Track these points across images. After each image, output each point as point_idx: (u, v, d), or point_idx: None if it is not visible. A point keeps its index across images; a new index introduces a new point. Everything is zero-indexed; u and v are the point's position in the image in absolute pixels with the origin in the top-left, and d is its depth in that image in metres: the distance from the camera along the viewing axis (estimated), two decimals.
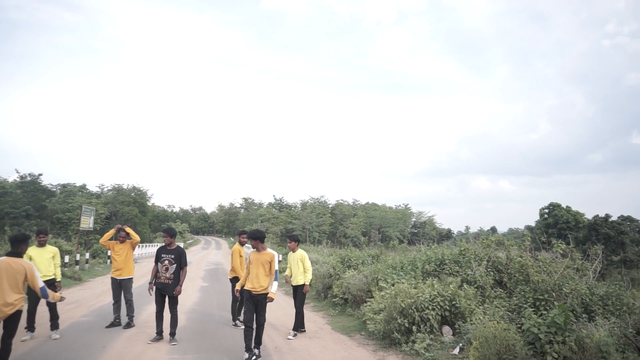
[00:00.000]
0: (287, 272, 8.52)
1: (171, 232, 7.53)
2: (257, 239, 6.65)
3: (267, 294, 6.57)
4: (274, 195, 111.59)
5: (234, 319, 8.72)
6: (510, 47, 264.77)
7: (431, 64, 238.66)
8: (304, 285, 8.13)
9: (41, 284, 5.46)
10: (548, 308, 7.16)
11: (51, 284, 7.30)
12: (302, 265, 8.16)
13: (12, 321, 5.26)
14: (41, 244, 7.65)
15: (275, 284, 6.69)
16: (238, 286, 6.97)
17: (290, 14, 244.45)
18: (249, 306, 6.50)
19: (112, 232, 8.59)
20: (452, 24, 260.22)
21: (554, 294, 7.68)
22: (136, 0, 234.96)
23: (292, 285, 8.36)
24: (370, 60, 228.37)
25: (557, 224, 64.27)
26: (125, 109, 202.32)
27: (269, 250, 6.73)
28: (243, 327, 6.65)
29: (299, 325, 8.18)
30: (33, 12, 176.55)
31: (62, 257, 18.26)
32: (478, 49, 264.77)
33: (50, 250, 7.76)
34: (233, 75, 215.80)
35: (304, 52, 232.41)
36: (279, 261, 14.47)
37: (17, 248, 5.53)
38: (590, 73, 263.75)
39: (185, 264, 7.45)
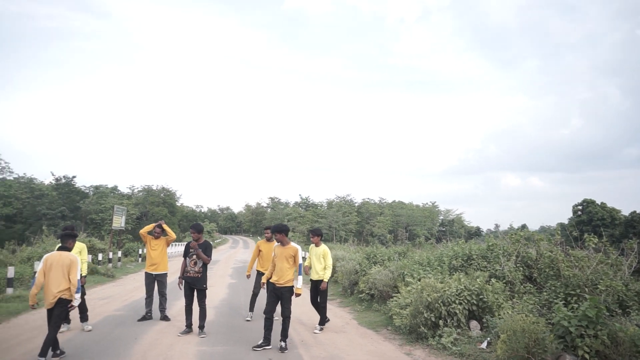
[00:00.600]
0: (306, 263, 8.52)
1: (198, 227, 7.71)
2: (282, 232, 6.74)
3: (291, 287, 6.67)
4: (300, 195, 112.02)
5: (251, 309, 8.97)
6: (538, 40, 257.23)
7: (456, 60, 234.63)
8: (322, 281, 8.06)
9: (79, 277, 5.90)
10: (580, 303, 6.96)
11: None
12: (323, 261, 8.13)
13: (57, 309, 5.76)
14: None
15: (300, 278, 6.76)
16: (264, 279, 7.07)
17: (313, 14, 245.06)
18: (272, 298, 6.68)
19: (152, 225, 8.72)
20: (477, 19, 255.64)
21: (586, 289, 7.47)
22: (162, 7, 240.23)
23: (310, 280, 8.36)
24: (395, 59, 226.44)
25: (591, 221, 62.30)
26: (154, 112, 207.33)
27: (292, 244, 6.82)
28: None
29: (323, 319, 8.20)
30: (64, 20, 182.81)
31: (96, 255, 18.91)
32: (504, 43, 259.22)
33: (77, 245, 8.03)
34: (258, 76, 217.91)
35: (327, 52, 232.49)
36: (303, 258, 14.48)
37: (66, 243, 6.13)
38: (624, 64, 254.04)
39: (210, 255, 7.61)
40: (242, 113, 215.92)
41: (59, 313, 5.78)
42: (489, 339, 6.52)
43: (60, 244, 6.20)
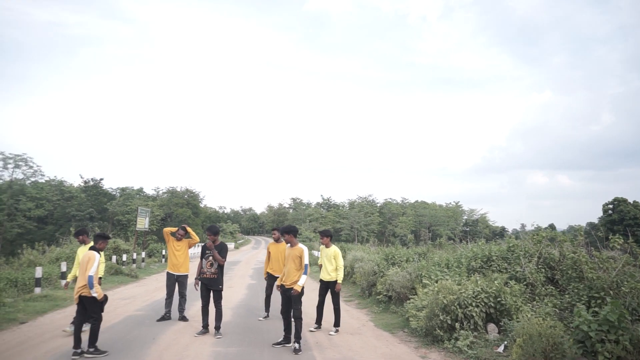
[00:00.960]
0: (319, 262, 8.56)
1: (214, 230, 7.81)
2: (290, 232, 6.79)
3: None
4: (321, 195, 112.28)
5: (266, 310, 9.17)
6: (566, 34, 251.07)
7: (481, 57, 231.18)
8: (336, 283, 8.03)
9: (91, 272, 6.10)
10: (603, 306, 6.74)
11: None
12: (334, 262, 8.12)
13: (86, 304, 6.18)
14: (83, 243, 8.13)
15: (304, 277, 6.73)
16: (278, 281, 7.15)
17: (334, 14, 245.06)
18: (284, 300, 6.79)
19: (176, 228, 8.95)
20: (502, 14, 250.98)
21: (610, 292, 7.23)
22: (185, 12, 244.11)
23: (320, 280, 8.32)
24: (417, 57, 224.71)
25: (622, 220, 60.32)
26: (179, 114, 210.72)
27: (299, 245, 6.86)
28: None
29: (338, 320, 8.18)
30: (92, 27, 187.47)
31: (120, 256, 19.36)
32: (531, 38, 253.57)
33: None
34: (280, 77, 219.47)
35: (349, 52, 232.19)
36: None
37: (96, 243, 6.53)
38: None
39: (225, 257, 7.71)
40: (264, 114, 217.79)
41: (91, 310, 6.16)
42: (506, 342, 6.38)
43: (92, 244, 6.59)
